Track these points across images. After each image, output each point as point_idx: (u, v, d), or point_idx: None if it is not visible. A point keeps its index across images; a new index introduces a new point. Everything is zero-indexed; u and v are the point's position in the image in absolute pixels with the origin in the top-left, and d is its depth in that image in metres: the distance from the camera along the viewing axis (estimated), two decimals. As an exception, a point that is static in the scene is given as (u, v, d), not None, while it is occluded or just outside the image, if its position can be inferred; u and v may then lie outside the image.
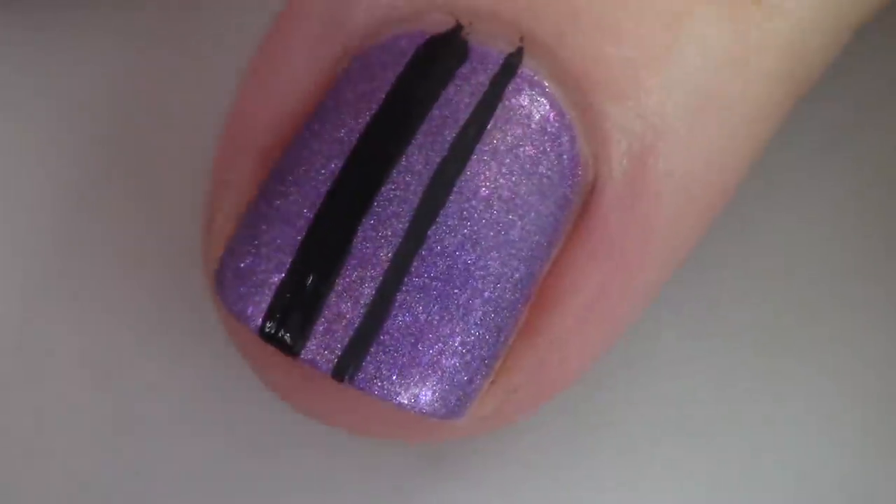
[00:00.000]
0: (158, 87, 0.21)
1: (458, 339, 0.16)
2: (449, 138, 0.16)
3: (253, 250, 0.17)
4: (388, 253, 0.16)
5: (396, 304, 0.16)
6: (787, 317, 0.20)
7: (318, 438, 0.20)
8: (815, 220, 0.21)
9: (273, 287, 0.16)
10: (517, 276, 0.17)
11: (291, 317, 0.16)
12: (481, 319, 0.16)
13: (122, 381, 0.20)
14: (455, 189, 0.16)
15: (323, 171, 0.16)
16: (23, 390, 0.20)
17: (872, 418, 0.20)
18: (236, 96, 0.18)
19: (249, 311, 0.16)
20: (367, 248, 0.16)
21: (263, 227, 0.17)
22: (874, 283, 0.20)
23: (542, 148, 0.17)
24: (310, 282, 0.16)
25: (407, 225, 0.16)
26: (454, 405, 0.16)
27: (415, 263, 0.16)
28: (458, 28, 0.17)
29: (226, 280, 0.17)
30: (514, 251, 0.16)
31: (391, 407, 0.16)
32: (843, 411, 0.20)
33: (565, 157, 0.17)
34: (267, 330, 0.16)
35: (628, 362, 0.20)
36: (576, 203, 0.17)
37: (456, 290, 0.16)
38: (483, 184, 0.16)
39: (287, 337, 0.16)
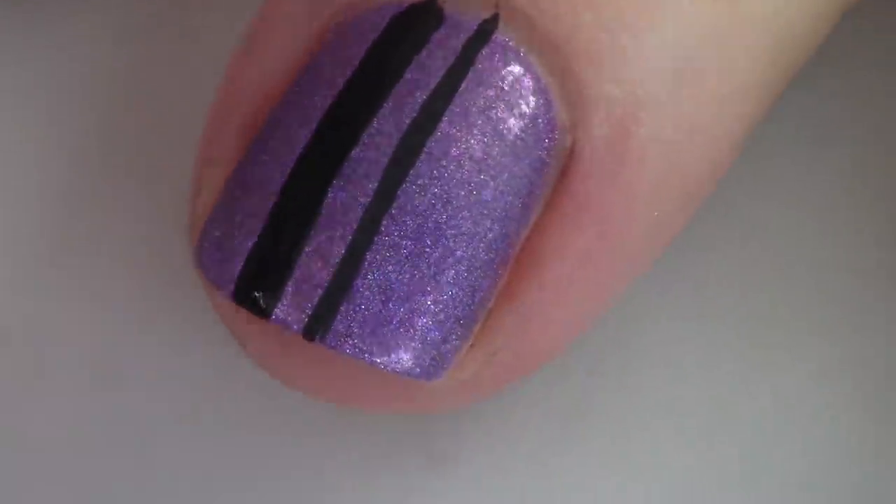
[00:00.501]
0: (151, 75, 0.21)
1: (430, 297, 0.16)
2: (420, 101, 0.16)
3: (228, 219, 0.17)
4: (357, 213, 0.16)
5: (366, 263, 0.16)
6: (778, 303, 0.20)
7: (319, 438, 0.20)
8: (807, 210, 0.21)
9: (245, 252, 0.16)
10: (490, 236, 0.17)
11: (262, 279, 0.16)
12: (454, 279, 0.16)
13: (121, 379, 0.20)
14: (425, 150, 0.16)
15: (295, 138, 0.17)
16: (22, 389, 0.20)
17: (860, 402, 0.20)
18: (224, 75, 0.18)
19: (223, 277, 0.17)
20: (337, 209, 0.16)
21: (238, 195, 0.17)
22: (865, 274, 0.20)
23: (514, 110, 0.17)
24: (281, 244, 0.16)
25: (376, 185, 0.16)
26: (429, 365, 0.16)
27: (384, 223, 0.16)
28: None
29: (203, 251, 0.17)
30: (486, 211, 0.16)
31: (365, 367, 0.16)
32: (831, 395, 0.20)
33: (540, 120, 0.17)
34: (239, 294, 0.16)
35: (620, 348, 0.20)
36: (553, 167, 0.17)
37: (427, 249, 0.16)
38: (454, 145, 0.16)
39: (258, 299, 0.16)
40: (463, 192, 0.16)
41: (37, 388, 0.20)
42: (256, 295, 0.16)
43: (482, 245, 0.16)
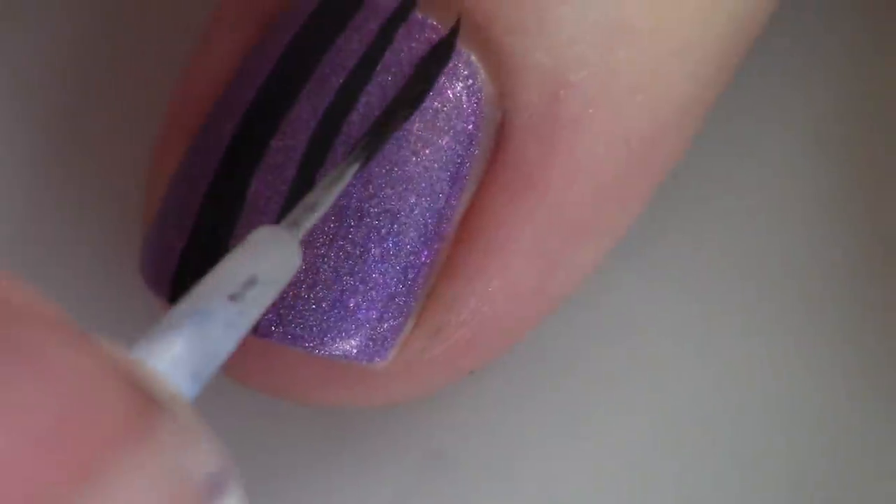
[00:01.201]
0: (111, 77, 0.21)
1: (358, 277, 0.16)
2: (335, 84, 0.16)
3: (164, 223, 0.17)
4: (279, 201, 0.16)
5: (303, 230, 0.16)
6: (770, 295, 0.20)
7: (318, 437, 0.20)
8: (806, 207, 0.20)
9: (176, 254, 0.17)
10: (416, 211, 0.16)
11: (192, 276, 0.16)
12: (381, 256, 0.16)
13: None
14: (343, 131, 0.16)
15: (221, 134, 0.17)
16: None
17: (840, 366, 0.19)
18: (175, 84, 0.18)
19: (160, 280, 0.17)
20: (260, 200, 0.16)
21: (172, 199, 0.17)
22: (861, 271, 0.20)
23: (434, 84, 0.16)
24: (208, 240, 0.16)
25: (295, 172, 0.16)
26: (368, 346, 0.16)
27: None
28: None
29: (143, 261, 0.17)
30: (409, 186, 0.16)
31: (309, 358, 0.16)
32: (812, 357, 0.19)
33: (462, 92, 0.16)
34: (174, 293, 0.16)
35: (620, 349, 0.20)
36: (485, 139, 0.17)
37: (350, 230, 0.16)
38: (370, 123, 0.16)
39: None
40: (383, 170, 0.16)
41: None
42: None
43: (408, 221, 0.16)
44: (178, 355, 0.13)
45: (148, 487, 0.11)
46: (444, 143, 0.16)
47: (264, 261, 0.14)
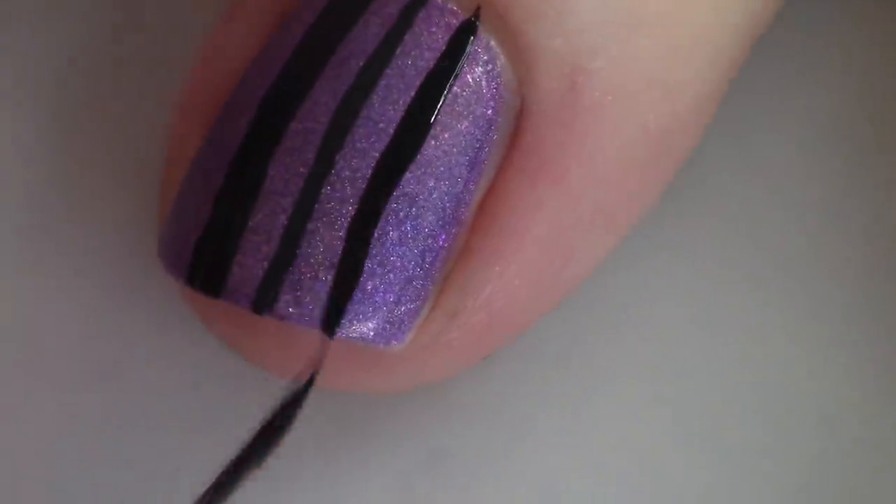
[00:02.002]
0: (121, 74, 0.21)
1: (377, 260, 0.16)
2: (355, 68, 0.16)
3: (181, 210, 0.17)
4: (297, 184, 0.16)
5: (308, 233, 0.16)
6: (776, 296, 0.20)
7: (318, 435, 0.19)
8: (805, 206, 0.20)
9: (196, 236, 0.17)
10: (435, 195, 0.16)
11: (211, 260, 0.16)
12: (399, 240, 0.16)
13: (118, 380, 0.20)
14: (362, 115, 0.16)
15: (239, 121, 0.17)
16: (21, 389, 0.20)
17: (843, 365, 0.19)
18: (188, 76, 0.18)
19: (178, 264, 0.17)
20: (278, 182, 0.16)
21: (189, 186, 0.17)
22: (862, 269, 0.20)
23: (454, 69, 0.16)
24: (225, 225, 0.16)
25: (314, 154, 0.16)
26: (385, 329, 0.16)
27: (324, 191, 0.16)
28: None
29: (163, 245, 0.17)
30: (428, 170, 0.16)
31: (321, 338, 0.16)
32: (822, 349, 0.19)
33: (482, 77, 0.16)
34: (191, 277, 0.16)
35: (621, 345, 0.20)
36: (504, 125, 0.17)
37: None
38: (390, 107, 0.16)
39: (208, 279, 0.16)
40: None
41: (33, 389, 0.20)
42: (205, 277, 0.16)
43: (426, 205, 0.16)
44: None
45: None
46: (463, 127, 0.16)
47: None
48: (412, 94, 0.16)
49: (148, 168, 0.20)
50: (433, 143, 0.16)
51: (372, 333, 0.16)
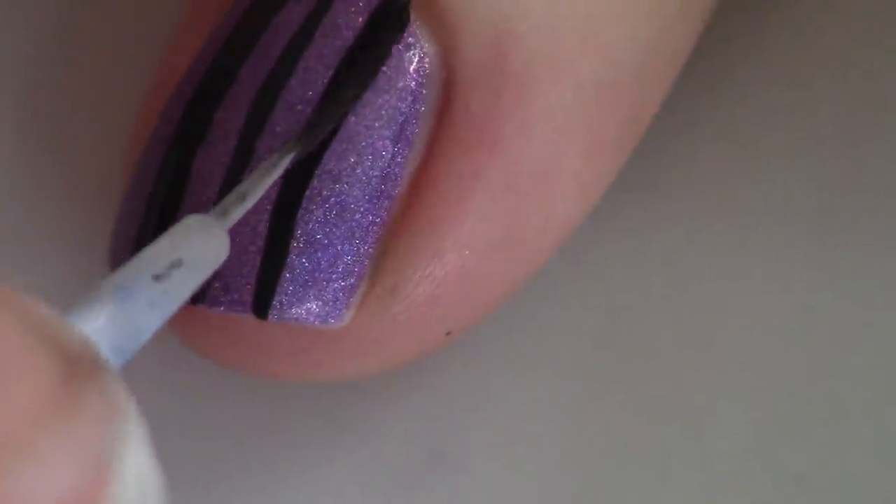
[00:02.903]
0: (80, 76, 0.21)
1: (303, 239, 0.16)
2: (275, 54, 0.16)
3: (122, 210, 0.17)
4: (221, 173, 0.16)
5: (232, 220, 0.16)
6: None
7: (319, 436, 0.19)
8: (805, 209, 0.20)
9: (132, 236, 0.17)
10: (359, 170, 0.16)
11: None
12: (324, 217, 0.16)
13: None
14: (281, 98, 0.16)
15: (172, 116, 0.17)
16: None
17: (841, 365, 0.19)
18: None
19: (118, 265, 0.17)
20: (204, 173, 0.16)
21: (131, 190, 0.17)
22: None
23: (372, 44, 0.16)
24: (157, 219, 0.16)
25: (235, 142, 0.16)
26: (320, 307, 0.16)
27: (247, 173, 0.16)
28: None
29: (109, 251, 0.17)
30: (348, 146, 0.16)
31: (268, 328, 0.16)
32: (811, 354, 0.19)
33: (402, 50, 0.16)
34: None
35: (621, 348, 0.19)
36: (431, 97, 0.16)
37: None
38: (309, 87, 0.16)
39: None
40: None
41: None
42: None
43: (350, 180, 0.16)
44: (102, 328, 0.13)
45: (71, 462, 0.11)
46: (384, 101, 0.16)
47: (191, 245, 0.14)
48: (330, 74, 0.16)
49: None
50: (353, 119, 0.16)
51: (305, 314, 0.16)
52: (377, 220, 0.16)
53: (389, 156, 0.16)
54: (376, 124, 0.16)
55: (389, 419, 0.19)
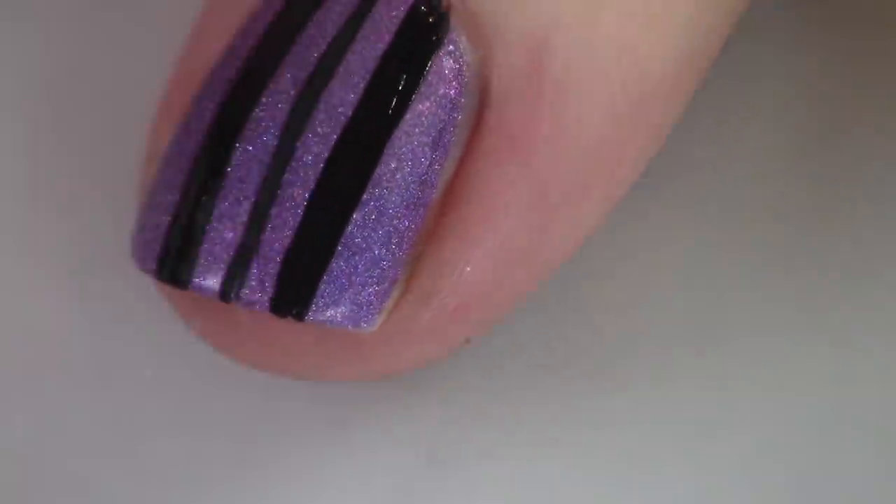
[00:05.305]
0: (99, 69, 0.21)
1: (342, 243, 0.16)
2: (316, 55, 0.16)
3: (150, 203, 0.17)
4: (260, 171, 0.16)
5: (272, 219, 0.16)
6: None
7: (318, 437, 0.19)
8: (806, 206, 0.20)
9: (164, 230, 0.17)
10: (398, 176, 0.16)
11: (178, 252, 0.16)
12: (363, 222, 0.16)
13: (121, 379, 0.20)
14: (322, 100, 0.16)
15: (206, 108, 0.17)
16: (23, 390, 0.20)
17: (840, 365, 0.19)
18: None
19: (147, 259, 0.17)
20: (241, 170, 0.16)
21: (158, 181, 0.17)
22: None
23: (415, 51, 0.16)
24: (191, 214, 0.16)
25: (276, 141, 0.16)
26: (354, 311, 0.16)
27: (286, 177, 0.16)
28: None
29: (134, 242, 0.17)
30: (390, 152, 0.16)
31: (297, 329, 0.16)
32: (809, 356, 0.19)
33: (443, 57, 0.16)
34: (160, 270, 0.17)
35: (620, 350, 0.20)
36: (469, 106, 0.17)
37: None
38: (351, 91, 0.16)
39: (176, 272, 0.16)
40: None
41: (38, 391, 0.20)
42: (173, 267, 0.16)
43: (390, 186, 0.16)
44: None
45: None
46: (425, 108, 0.16)
47: None
48: (372, 78, 0.16)
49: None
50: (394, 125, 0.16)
51: (340, 317, 0.16)
52: (413, 225, 0.16)
53: (427, 162, 0.16)
54: (416, 130, 0.16)
55: (389, 419, 0.19)
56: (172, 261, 0.16)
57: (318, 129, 0.16)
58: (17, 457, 0.20)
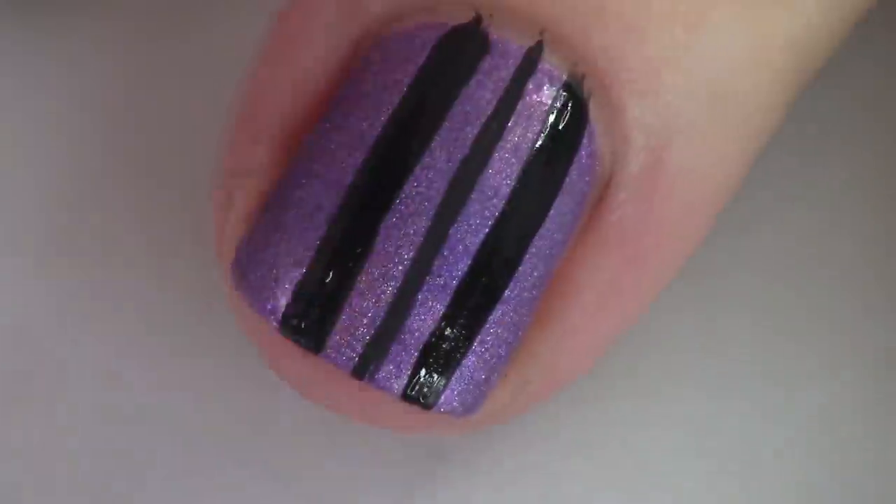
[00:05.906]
0: (160, 79, 0.21)
1: (479, 338, 0.16)
2: (471, 135, 0.16)
3: (273, 242, 0.16)
4: (409, 251, 0.16)
5: (417, 304, 0.16)
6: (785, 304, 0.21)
7: (321, 436, 0.20)
8: (812, 210, 0.21)
9: (293, 281, 0.16)
10: (536, 274, 0.16)
11: (312, 313, 0.16)
12: (500, 318, 0.16)
13: (125, 380, 0.20)
14: (477, 187, 0.16)
15: (344, 165, 0.16)
16: (23, 390, 0.20)
17: (847, 367, 0.20)
18: (248, 79, 0.18)
19: (269, 305, 0.16)
20: (389, 245, 0.16)
21: (284, 218, 0.16)
22: (869, 272, 0.21)
23: (566, 147, 0.16)
24: (330, 278, 0.16)
25: (429, 223, 0.16)
26: (470, 402, 0.16)
27: (436, 262, 0.16)
28: (479, 19, 0.16)
29: (245, 271, 0.16)
30: (534, 250, 0.16)
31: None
32: (816, 357, 0.20)
33: (583, 152, 0.17)
34: (287, 326, 0.16)
35: (626, 350, 0.20)
36: (592, 196, 0.17)
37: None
38: (504, 181, 0.16)
39: (308, 334, 0.16)
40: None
41: (39, 391, 0.20)
42: (304, 329, 0.16)
43: (527, 284, 0.16)
44: None
45: None
46: (565, 206, 0.16)
47: None
48: (523, 167, 0.16)
49: (169, 168, 0.20)
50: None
51: (461, 409, 0.16)
52: (527, 319, 0.17)
53: (560, 259, 0.17)
54: (557, 227, 0.17)
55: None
56: (302, 321, 0.16)
57: (471, 221, 0.16)
58: (17, 457, 0.19)
